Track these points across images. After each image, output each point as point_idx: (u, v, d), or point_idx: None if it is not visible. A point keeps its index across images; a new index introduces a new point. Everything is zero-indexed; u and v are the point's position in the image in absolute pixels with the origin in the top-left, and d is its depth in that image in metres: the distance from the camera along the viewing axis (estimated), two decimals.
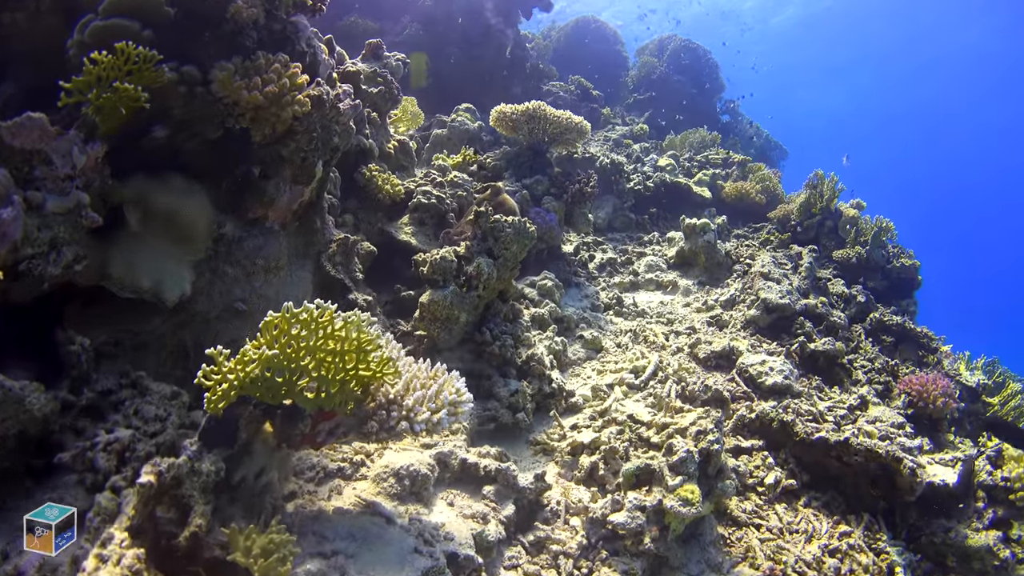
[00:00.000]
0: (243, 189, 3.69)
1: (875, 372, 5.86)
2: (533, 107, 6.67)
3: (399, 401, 2.87)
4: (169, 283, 3.37)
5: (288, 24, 3.75)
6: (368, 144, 5.38)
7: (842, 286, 7.10)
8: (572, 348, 5.70)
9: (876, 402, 5.20)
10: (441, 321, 4.65)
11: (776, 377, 5.11)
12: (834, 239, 8.41)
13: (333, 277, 4.57)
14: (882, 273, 7.95)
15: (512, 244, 4.72)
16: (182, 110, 3.31)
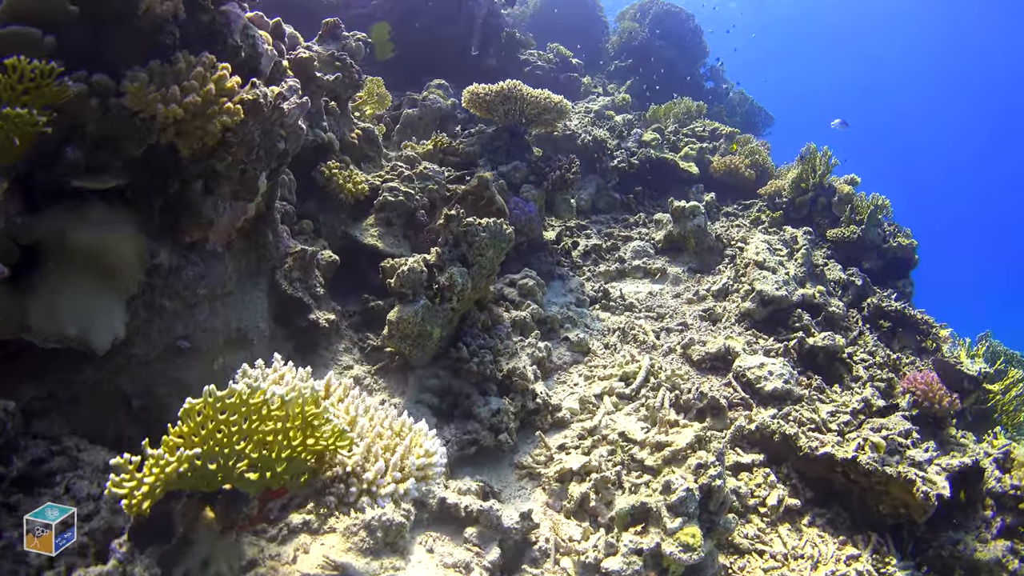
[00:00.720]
0: (177, 210, 3.21)
1: (876, 367, 5.55)
2: (508, 87, 6.16)
3: (359, 473, 2.46)
4: (98, 327, 2.92)
5: (217, 15, 3.23)
6: (326, 138, 4.87)
7: (839, 271, 6.75)
8: (557, 352, 5.30)
9: (880, 404, 4.88)
10: (412, 338, 4.23)
11: (776, 382, 4.76)
12: (828, 217, 8.04)
13: (290, 296, 4.12)
14: (878, 253, 7.61)
15: (487, 249, 4.28)
16: (97, 125, 2.80)
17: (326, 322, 4.24)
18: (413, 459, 2.56)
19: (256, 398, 2.10)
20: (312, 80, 4.75)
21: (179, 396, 3.43)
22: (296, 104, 3.51)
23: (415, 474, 2.53)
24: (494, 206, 5.28)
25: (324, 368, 4.46)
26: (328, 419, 2.29)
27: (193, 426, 2.06)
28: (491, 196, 5.26)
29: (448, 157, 6.36)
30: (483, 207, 5.21)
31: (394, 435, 2.75)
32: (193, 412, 2.05)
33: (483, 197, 5.31)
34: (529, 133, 6.91)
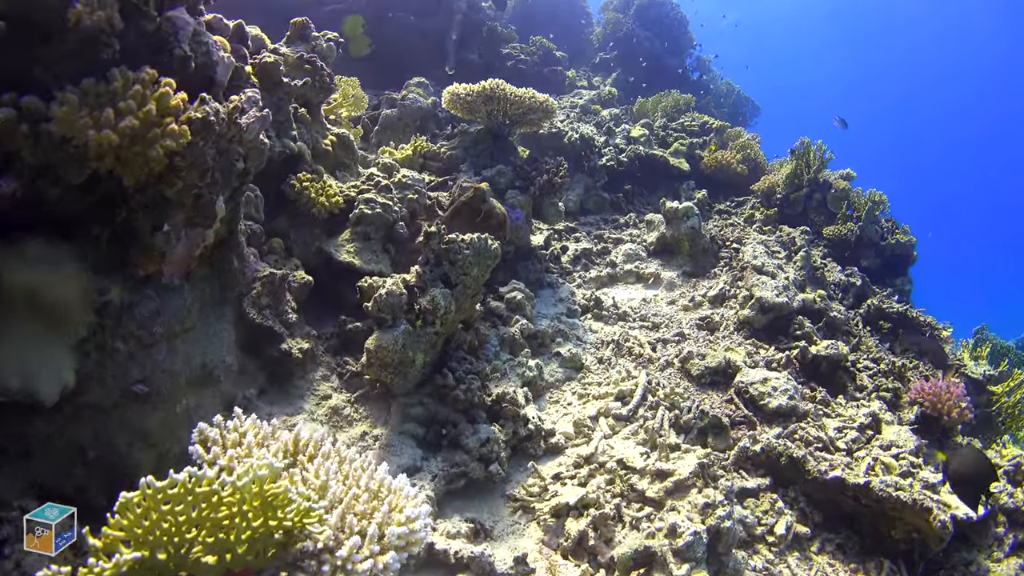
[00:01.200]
0: (126, 243, 2.89)
1: (881, 376, 5.32)
2: (491, 87, 5.84)
3: (332, 548, 2.17)
4: (44, 377, 2.62)
5: (163, 22, 2.89)
6: (297, 148, 4.54)
7: (839, 273, 6.51)
8: (549, 368, 5.02)
9: (889, 420, 4.65)
10: (393, 366, 3.93)
11: (781, 399, 4.51)
12: (823, 213, 7.80)
13: (259, 325, 3.80)
14: (876, 250, 7.38)
15: (472, 268, 3.98)
16: (32, 153, 2.47)
17: (299, 352, 3.93)
18: (393, 528, 2.27)
19: (203, 486, 1.79)
20: (279, 86, 4.42)
21: (141, 444, 3.16)
22: (256, 118, 3.18)
23: (395, 545, 2.24)
24: (494, 219, 4.97)
25: (300, 400, 4.16)
26: (291, 498, 1.98)
27: (133, 519, 1.75)
28: (490, 208, 4.95)
29: (429, 162, 6.04)
30: (481, 221, 4.91)
31: (372, 497, 2.47)
32: (131, 506, 1.74)
33: (480, 210, 5.00)
34: (513, 134, 6.59)
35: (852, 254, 7.37)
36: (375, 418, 4.30)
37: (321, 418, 4.13)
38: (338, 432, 4.14)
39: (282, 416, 3.90)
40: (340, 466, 2.65)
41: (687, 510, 3.32)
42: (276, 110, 4.43)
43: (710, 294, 6.02)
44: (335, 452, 2.75)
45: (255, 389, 3.96)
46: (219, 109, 2.82)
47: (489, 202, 5.05)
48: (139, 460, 3.13)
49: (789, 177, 7.98)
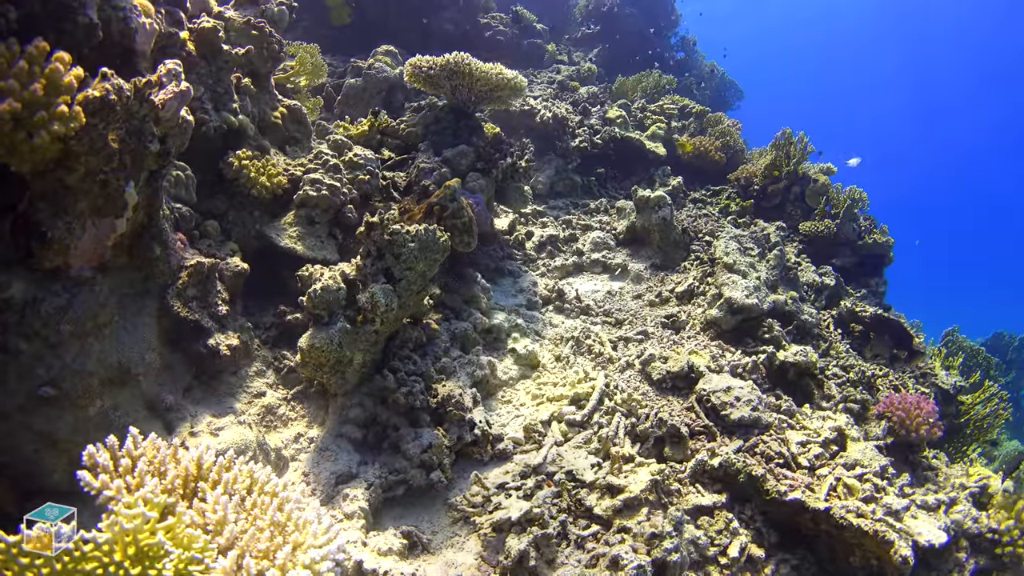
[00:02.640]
0: (28, 233, 2.56)
1: (850, 385, 5.14)
2: (455, 60, 5.47)
3: None
4: None
5: None
6: (237, 122, 4.18)
7: (812, 273, 6.29)
8: (503, 365, 4.76)
9: (855, 436, 4.46)
10: (329, 367, 3.64)
11: (743, 410, 4.29)
12: (800, 207, 7.57)
13: (185, 319, 3.48)
14: (852, 249, 7.19)
15: (417, 262, 3.68)
16: None
17: (227, 349, 3.62)
18: (296, 572, 2.00)
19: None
20: (218, 54, 4.04)
21: (50, 450, 2.88)
22: (174, 93, 2.83)
23: None
24: (461, 219, 4.63)
25: (230, 398, 3.86)
26: (168, 551, 1.70)
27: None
28: (457, 209, 4.61)
29: (387, 138, 5.69)
30: (447, 219, 4.58)
31: (277, 531, 2.19)
32: None
33: (447, 208, 4.65)
34: (479, 111, 6.24)
35: (828, 252, 7.17)
36: (312, 417, 4.03)
37: (252, 418, 3.84)
38: (271, 433, 3.86)
39: (207, 418, 3.60)
40: (249, 493, 2.38)
41: (632, 540, 3.10)
42: (215, 80, 4.06)
43: (678, 290, 5.77)
44: (246, 474, 2.47)
45: (181, 387, 3.67)
46: (122, 86, 2.47)
47: (459, 201, 4.71)
48: (49, 466, 2.89)
49: (768, 168, 7.73)
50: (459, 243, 4.69)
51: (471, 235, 4.72)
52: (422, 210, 4.66)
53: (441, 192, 4.64)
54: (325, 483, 3.61)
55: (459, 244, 4.70)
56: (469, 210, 4.75)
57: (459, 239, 4.68)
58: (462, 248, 4.77)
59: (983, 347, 9.95)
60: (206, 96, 3.96)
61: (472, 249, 4.89)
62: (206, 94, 3.97)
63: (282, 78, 5.76)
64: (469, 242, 4.74)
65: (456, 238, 4.67)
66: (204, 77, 3.97)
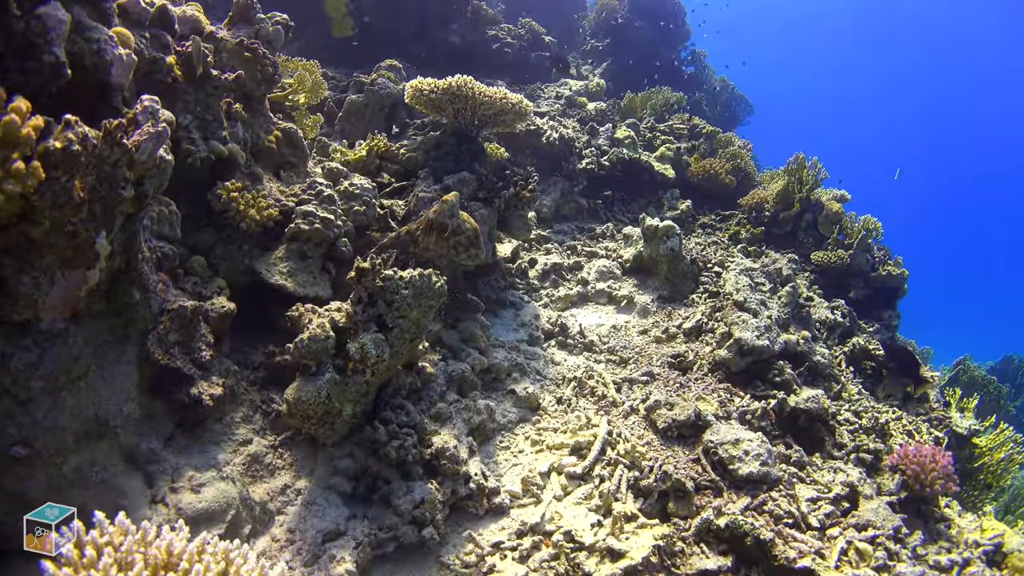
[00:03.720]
0: None
1: (863, 432, 4.92)
2: (457, 84, 5.27)
3: None
4: None
5: (31, 22, 2.34)
6: (227, 150, 3.98)
7: (825, 310, 6.07)
8: (502, 408, 4.55)
9: (868, 494, 4.25)
10: (317, 418, 3.44)
11: (752, 465, 4.08)
12: (812, 235, 7.35)
13: (165, 366, 3.29)
14: (865, 280, 6.96)
15: (411, 310, 3.47)
16: None
17: (210, 398, 3.42)
18: None
19: None
20: (206, 80, 3.84)
21: (23, 512, 2.71)
22: (149, 135, 2.64)
23: None
24: (462, 235, 4.44)
25: (214, 447, 3.65)
26: None
27: None
28: (457, 225, 4.41)
29: (387, 163, 5.49)
30: (448, 238, 4.38)
31: None
32: None
33: (446, 225, 4.46)
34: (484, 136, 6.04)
35: (840, 282, 6.95)
36: (300, 466, 3.82)
37: (237, 468, 3.63)
38: (256, 484, 3.66)
39: (188, 471, 3.40)
40: None
41: None
42: (203, 107, 3.86)
43: (685, 326, 5.56)
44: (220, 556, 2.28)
45: (163, 436, 3.47)
46: (87, 134, 2.27)
47: (457, 218, 4.52)
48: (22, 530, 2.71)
49: (780, 194, 7.51)
50: (465, 258, 4.55)
51: (477, 247, 4.53)
52: (421, 225, 4.46)
53: (439, 208, 4.43)
54: (311, 541, 3.42)
55: (466, 259, 4.56)
56: (470, 223, 4.55)
57: (465, 254, 4.52)
58: (470, 261, 4.62)
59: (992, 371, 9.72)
60: (193, 125, 3.76)
61: (481, 261, 4.72)
62: (193, 122, 3.77)
63: (279, 96, 5.57)
64: (476, 254, 4.58)
65: (462, 253, 4.51)
66: (191, 104, 3.78)
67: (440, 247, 4.50)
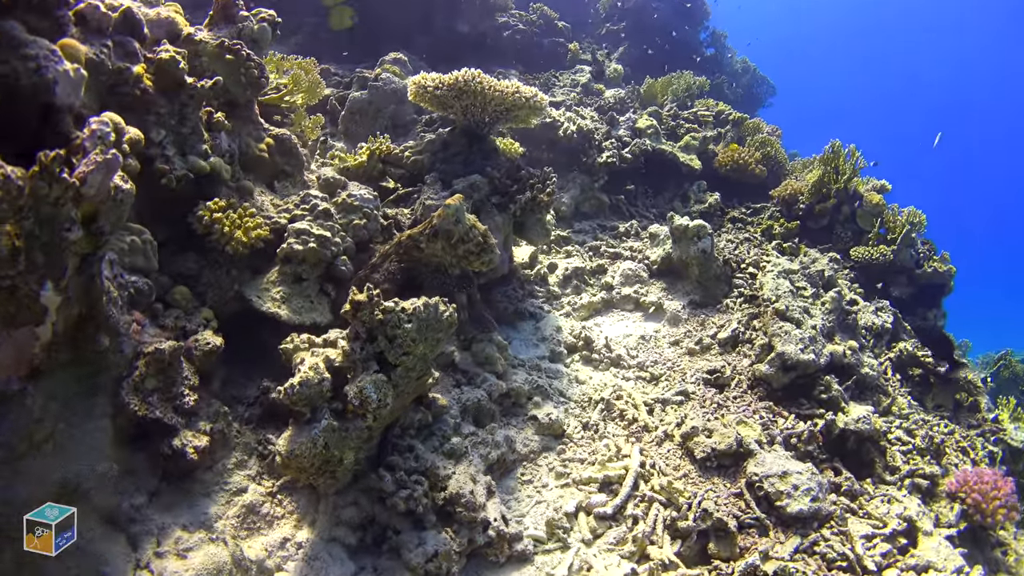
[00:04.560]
0: None
1: (916, 452, 4.47)
2: (464, 78, 4.83)
3: None
4: None
5: None
6: (209, 165, 3.58)
7: (871, 314, 5.57)
8: (523, 435, 4.15)
9: (927, 530, 3.81)
10: (315, 469, 3.06)
11: (802, 502, 3.64)
12: (851, 229, 6.84)
13: (143, 418, 2.92)
14: (908, 278, 6.46)
15: (416, 345, 3.07)
16: None
17: (194, 451, 3.05)
18: None
19: None
20: (182, 89, 3.44)
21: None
22: (96, 164, 2.24)
23: None
24: (471, 243, 3.97)
25: (205, 499, 3.28)
26: None
27: None
28: (464, 231, 3.94)
29: (391, 167, 5.08)
30: (456, 246, 3.93)
31: None
32: None
33: (453, 234, 4.01)
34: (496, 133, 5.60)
35: (882, 279, 6.44)
36: (302, 514, 3.45)
37: (231, 523, 3.26)
38: (253, 538, 3.29)
39: (175, 532, 3.05)
40: None
41: None
42: (179, 120, 3.47)
43: (721, 336, 5.11)
44: None
45: (146, 492, 3.12)
46: (9, 175, 1.88)
47: (464, 223, 4.08)
48: None
49: (815, 185, 7.00)
50: (477, 263, 4.10)
51: (489, 251, 4.08)
52: (425, 229, 4.02)
53: (442, 213, 3.98)
54: None
55: (478, 265, 4.11)
56: (479, 226, 4.10)
57: (477, 261, 4.07)
58: (482, 267, 4.17)
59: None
60: (168, 140, 3.37)
61: (495, 266, 4.28)
62: (168, 138, 3.38)
63: (274, 99, 5.17)
64: (489, 260, 4.12)
65: (474, 261, 4.07)
66: (165, 118, 3.39)
67: (447, 255, 4.08)
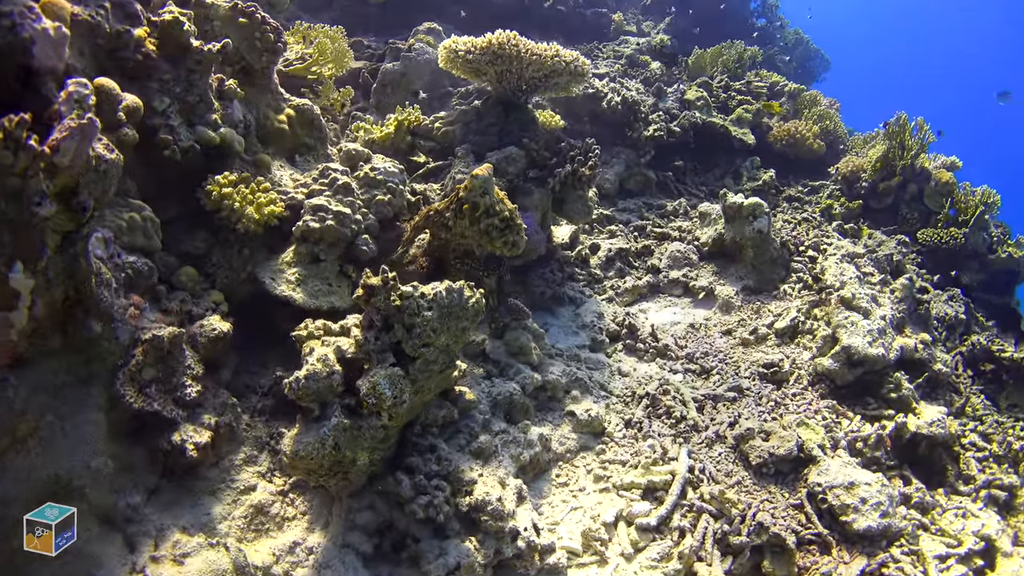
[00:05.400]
0: None
1: (992, 460, 4.02)
2: (499, 41, 4.44)
3: None
4: None
5: None
6: (219, 136, 3.29)
7: (944, 304, 5.05)
8: (559, 432, 3.81)
9: (1007, 551, 3.37)
10: (324, 471, 2.77)
11: (871, 517, 3.23)
12: (917, 210, 6.28)
13: (141, 410, 2.66)
14: (980, 263, 5.90)
15: (438, 335, 2.73)
16: None
17: (194, 447, 2.78)
18: None
19: None
20: (187, 54, 3.14)
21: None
22: (70, 129, 1.94)
23: None
24: (495, 217, 3.56)
25: (209, 497, 3.04)
26: None
27: None
28: (490, 204, 3.53)
29: (420, 140, 4.73)
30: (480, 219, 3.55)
31: None
32: None
33: (478, 206, 3.62)
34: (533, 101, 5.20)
35: (950, 264, 5.88)
36: (315, 515, 3.17)
37: (237, 523, 3.01)
38: (261, 540, 3.02)
39: (174, 534, 2.79)
40: None
41: None
42: (186, 88, 3.17)
43: (778, 325, 4.67)
44: None
45: (145, 490, 2.88)
46: None
47: (491, 195, 3.68)
48: None
49: (879, 161, 6.43)
50: (501, 246, 3.69)
51: (514, 232, 3.66)
52: (451, 203, 3.65)
53: (468, 184, 3.59)
54: None
55: (501, 247, 3.69)
56: (507, 203, 3.71)
57: (500, 240, 3.66)
58: (504, 249, 3.75)
59: None
60: (172, 109, 3.08)
61: (521, 251, 3.86)
62: (172, 106, 3.08)
63: (299, 70, 4.87)
64: (515, 242, 3.70)
65: (496, 240, 3.66)
66: (170, 85, 3.09)
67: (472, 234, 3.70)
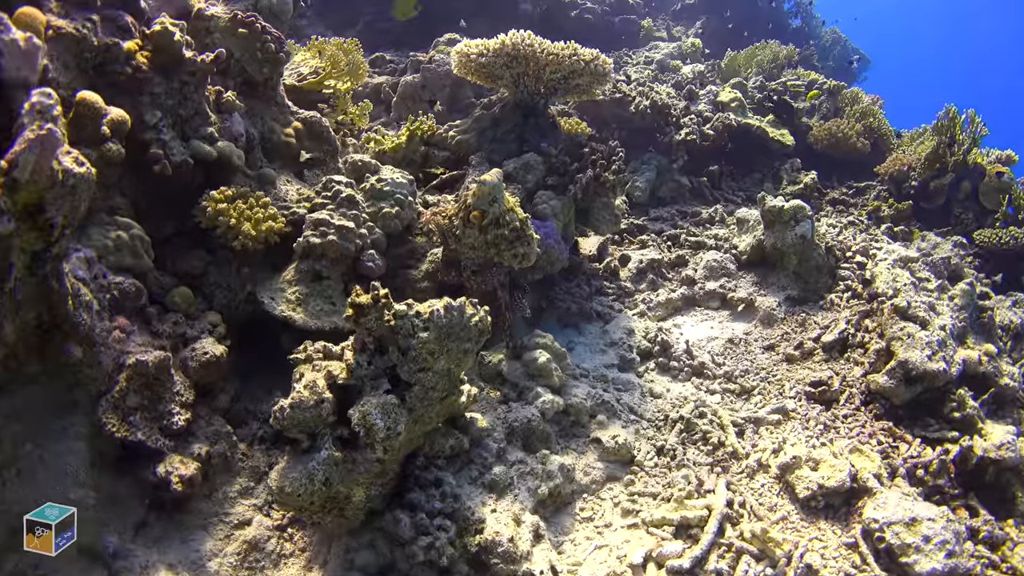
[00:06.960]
0: None
1: None
2: (513, 42, 4.20)
3: None
4: None
5: None
6: (215, 151, 3.11)
7: (1007, 311, 4.59)
8: (583, 461, 3.50)
9: None
10: (316, 508, 2.52)
11: (935, 559, 2.83)
12: (972, 210, 5.82)
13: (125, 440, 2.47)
14: None
15: (436, 359, 2.47)
16: None
17: (179, 480, 2.57)
18: None
19: None
20: (180, 66, 2.97)
21: None
22: (28, 142, 1.76)
23: None
24: (508, 226, 3.31)
25: (200, 532, 2.83)
26: None
27: None
28: (499, 214, 3.26)
29: (434, 150, 4.51)
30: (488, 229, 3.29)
31: None
32: None
33: (486, 214, 3.37)
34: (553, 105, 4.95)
35: (1009, 267, 5.40)
36: (315, 551, 2.93)
37: (229, 560, 2.78)
38: None
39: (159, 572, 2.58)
40: None
41: None
42: (179, 100, 3.00)
43: (826, 338, 4.28)
44: None
45: (131, 524, 2.68)
46: None
47: (500, 203, 3.40)
48: None
49: (928, 159, 6.00)
50: (510, 258, 3.43)
51: (523, 242, 3.39)
52: (459, 210, 3.40)
53: (476, 191, 3.33)
54: None
55: (508, 257, 3.42)
56: (518, 209, 3.44)
57: (509, 252, 3.40)
58: (517, 264, 3.48)
59: None
60: (164, 123, 2.90)
61: (532, 264, 3.59)
62: (164, 120, 2.91)
63: (313, 84, 4.71)
64: (526, 254, 3.44)
65: (504, 251, 3.39)
66: (161, 98, 2.92)
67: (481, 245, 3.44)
